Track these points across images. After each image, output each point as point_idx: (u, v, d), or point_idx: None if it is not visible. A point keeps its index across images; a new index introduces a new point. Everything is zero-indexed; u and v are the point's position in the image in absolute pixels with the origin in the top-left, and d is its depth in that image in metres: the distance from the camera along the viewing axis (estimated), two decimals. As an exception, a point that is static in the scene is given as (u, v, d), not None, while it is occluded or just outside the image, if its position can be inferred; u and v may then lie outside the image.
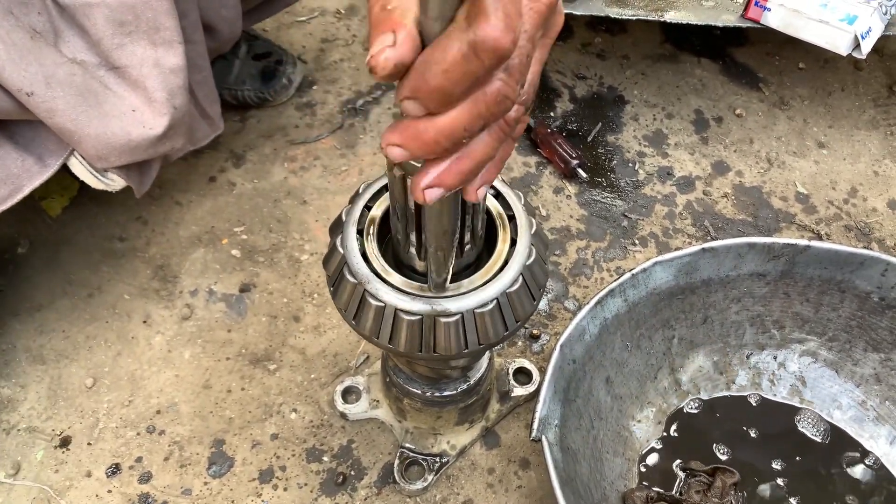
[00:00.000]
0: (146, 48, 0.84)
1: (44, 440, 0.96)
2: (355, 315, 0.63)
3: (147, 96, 0.85)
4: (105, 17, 0.81)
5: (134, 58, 0.84)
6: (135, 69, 0.84)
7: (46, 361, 1.03)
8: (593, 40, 1.53)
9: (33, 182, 0.83)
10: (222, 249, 1.16)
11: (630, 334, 0.93)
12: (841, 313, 0.96)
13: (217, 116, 1.06)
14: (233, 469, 0.95)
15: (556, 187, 1.27)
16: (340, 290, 0.64)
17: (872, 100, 1.46)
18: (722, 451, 0.95)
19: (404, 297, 0.60)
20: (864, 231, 1.25)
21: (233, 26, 1.06)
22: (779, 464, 0.94)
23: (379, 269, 0.62)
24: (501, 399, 0.98)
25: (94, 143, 0.82)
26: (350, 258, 0.62)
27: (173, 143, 0.90)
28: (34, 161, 0.83)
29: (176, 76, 0.86)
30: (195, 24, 0.95)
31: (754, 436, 0.96)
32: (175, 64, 0.86)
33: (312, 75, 1.41)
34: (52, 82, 0.77)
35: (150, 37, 0.84)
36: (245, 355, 1.05)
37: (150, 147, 0.86)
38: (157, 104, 0.85)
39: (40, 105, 0.77)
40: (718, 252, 0.92)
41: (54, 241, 1.15)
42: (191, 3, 0.94)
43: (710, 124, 1.40)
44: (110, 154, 0.84)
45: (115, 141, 0.83)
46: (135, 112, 0.84)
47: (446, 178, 0.41)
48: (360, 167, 1.28)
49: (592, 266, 1.17)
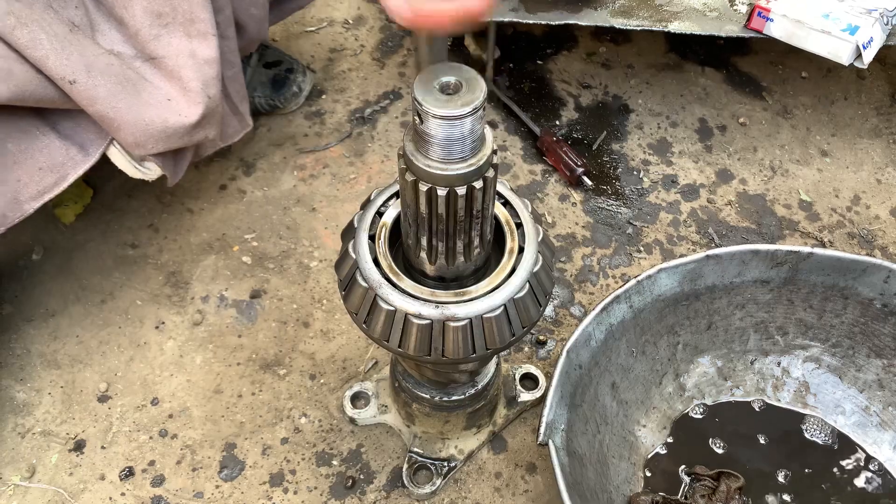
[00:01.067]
0: (182, 39, 0.87)
1: (58, 444, 0.98)
2: (366, 319, 0.65)
3: (182, 86, 0.88)
4: (143, 8, 0.84)
5: (170, 48, 0.87)
6: (171, 60, 0.87)
7: (61, 366, 1.05)
8: (598, 50, 1.55)
9: (77, 170, 0.86)
10: (233, 256, 1.17)
11: (635, 340, 0.94)
12: (844, 320, 0.97)
13: (247, 113, 1.09)
14: (244, 472, 0.96)
15: (562, 195, 1.29)
16: (352, 294, 0.65)
17: (875, 108, 1.47)
18: (726, 455, 0.96)
19: (414, 302, 0.62)
20: (867, 238, 1.26)
21: (260, 25, 1.09)
22: (783, 468, 0.95)
23: (390, 274, 0.64)
24: (508, 404, 1.00)
25: (133, 130, 0.84)
26: (362, 263, 0.64)
27: (206, 131, 0.93)
28: (77, 150, 0.86)
29: (210, 67, 0.89)
30: (228, 19, 0.98)
31: (758, 441, 0.97)
32: (209, 55, 0.89)
33: (321, 84, 1.43)
34: (93, 71, 0.79)
35: (186, 28, 0.87)
36: (255, 360, 1.06)
37: (186, 135, 0.89)
38: (191, 93, 0.88)
39: (82, 93, 0.79)
40: (723, 259, 0.94)
41: (68, 248, 1.17)
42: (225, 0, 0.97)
43: (714, 133, 1.41)
44: (147, 141, 0.86)
45: (152, 128, 0.85)
46: (170, 101, 0.87)
47: None
48: (368, 175, 1.30)
49: (598, 273, 1.19)
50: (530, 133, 1.37)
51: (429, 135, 0.52)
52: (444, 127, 0.51)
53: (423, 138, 0.53)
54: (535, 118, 1.40)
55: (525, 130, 1.38)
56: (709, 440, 0.97)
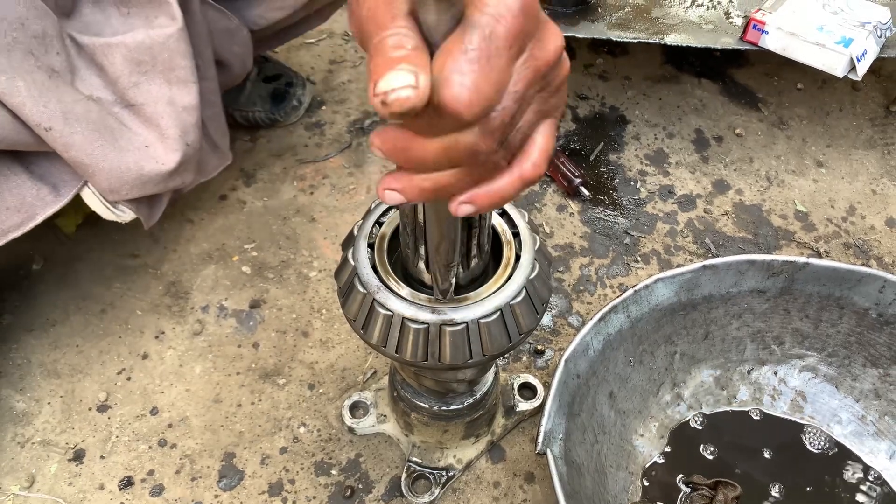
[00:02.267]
0: (161, 87, 0.87)
1: (58, 453, 0.98)
2: (364, 324, 0.66)
3: (160, 133, 0.87)
4: (123, 56, 0.84)
5: (149, 96, 0.87)
6: (150, 107, 0.87)
7: (60, 376, 1.05)
8: (595, 62, 1.56)
9: (46, 211, 0.85)
10: (233, 266, 1.18)
11: (633, 350, 0.95)
12: (840, 329, 0.98)
13: (226, 148, 1.09)
14: (243, 482, 0.96)
15: (560, 205, 1.30)
16: (350, 300, 0.66)
17: (870, 119, 1.48)
18: (724, 464, 0.96)
19: (411, 307, 0.63)
20: (863, 248, 1.27)
21: (244, 62, 1.09)
22: (780, 477, 0.95)
23: (388, 280, 0.65)
24: (507, 414, 1.00)
25: (108, 177, 0.84)
26: (360, 269, 0.65)
27: (183, 178, 0.93)
28: (49, 190, 0.85)
29: (189, 114, 0.89)
30: (209, 61, 0.99)
31: (756, 450, 0.98)
32: (189, 102, 0.89)
33: (321, 96, 1.45)
34: (70, 118, 0.79)
35: (166, 76, 0.87)
36: (255, 370, 1.07)
37: (161, 182, 0.89)
38: (169, 141, 0.88)
39: (58, 139, 0.79)
40: (719, 269, 0.94)
41: (68, 258, 1.18)
42: (205, 41, 0.97)
43: (710, 143, 1.42)
44: (122, 187, 0.86)
45: (127, 175, 0.85)
46: (148, 148, 0.86)
47: (407, 188, 0.42)
48: (367, 185, 1.31)
49: (595, 282, 1.20)
50: (528, 144, 1.38)
51: None
52: None
53: None
54: (533, 129, 1.41)
55: (523, 141, 1.39)
56: (706, 449, 0.97)
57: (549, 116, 0.44)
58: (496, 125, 0.39)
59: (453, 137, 0.38)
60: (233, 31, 1.04)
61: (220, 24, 1.02)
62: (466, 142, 0.39)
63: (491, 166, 0.42)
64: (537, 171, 0.44)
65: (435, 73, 0.36)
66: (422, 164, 0.41)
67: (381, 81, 0.34)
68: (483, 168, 0.42)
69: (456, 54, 0.35)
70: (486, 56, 0.36)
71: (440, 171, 0.41)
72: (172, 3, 0.85)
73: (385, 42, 0.36)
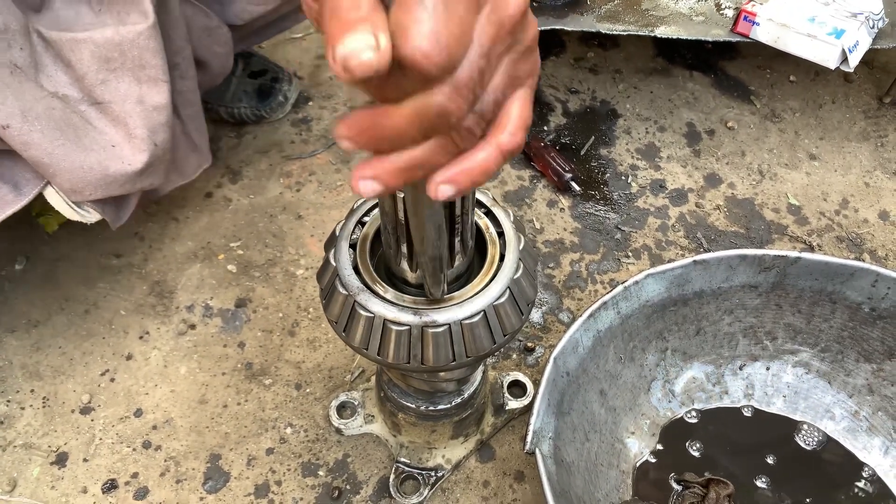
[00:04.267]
0: (130, 85, 0.85)
1: (40, 456, 0.97)
2: (346, 327, 0.64)
3: (128, 132, 0.85)
4: (91, 52, 0.82)
5: (117, 94, 0.84)
6: (117, 105, 0.85)
7: (43, 377, 1.04)
8: (586, 55, 1.55)
9: (5, 210, 0.83)
10: (218, 265, 1.16)
11: (623, 346, 0.93)
12: (833, 324, 0.96)
13: (206, 149, 1.07)
14: (228, 484, 0.95)
15: (550, 200, 1.28)
16: (332, 301, 0.65)
17: (863, 112, 1.47)
18: (716, 462, 0.95)
19: (393, 309, 0.61)
20: (856, 242, 1.26)
21: (224, 62, 1.07)
22: (773, 475, 0.94)
23: (370, 282, 0.63)
24: (496, 412, 0.99)
25: (70, 177, 0.82)
26: (342, 271, 0.63)
27: (152, 179, 0.90)
28: (9, 189, 0.83)
29: (159, 114, 0.87)
30: (188, 60, 0.97)
31: (748, 447, 0.96)
32: (159, 102, 0.87)
33: (308, 91, 1.43)
34: (30, 116, 0.77)
35: (136, 74, 0.85)
36: (241, 370, 1.05)
37: (128, 182, 0.87)
38: (137, 140, 0.85)
39: (16, 137, 0.77)
40: (710, 264, 0.93)
41: (51, 257, 1.16)
42: (184, 39, 0.95)
43: (702, 137, 1.41)
44: (86, 188, 0.84)
45: (91, 175, 0.83)
46: (114, 147, 0.84)
47: (381, 173, 0.40)
48: (355, 182, 1.29)
49: (586, 278, 1.18)
50: (518, 139, 1.36)
51: None
52: None
53: None
54: (522, 124, 1.39)
55: (513, 136, 1.37)
56: (698, 447, 0.96)
57: (523, 85, 0.42)
58: (464, 82, 0.37)
59: (421, 99, 0.36)
60: (213, 29, 1.02)
61: (200, 21, 1.00)
62: (436, 102, 0.36)
63: (465, 135, 0.40)
64: (515, 141, 0.42)
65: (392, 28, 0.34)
66: (394, 138, 0.38)
67: (340, 46, 0.32)
68: (458, 137, 0.40)
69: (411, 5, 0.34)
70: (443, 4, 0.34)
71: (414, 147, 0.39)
72: (145, 0, 0.83)
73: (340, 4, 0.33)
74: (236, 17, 1.06)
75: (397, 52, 0.34)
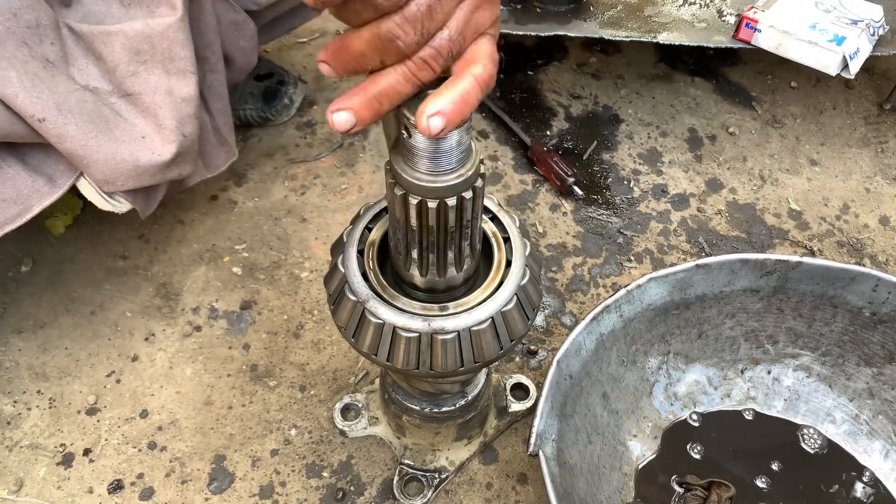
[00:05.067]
0: (160, 77, 0.86)
1: (46, 457, 0.97)
2: (355, 333, 0.65)
3: (157, 123, 0.86)
4: (122, 45, 0.83)
5: (147, 85, 0.86)
6: (147, 97, 0.86)
7: (49, 378, 1.04)
8: (588, 60, 1.56)
9: (43, 202, 0.85)
10: (224, 267, 1.17)
11: (626, 350, 0.94)
12: (833, 328, 0.97)
13: (233, 143, 1.08)
14: (233, 485, 0.96)
15: (553, 204, 1.29)
16: (341, 308, 0.65)
17: (863, 118, 1.48)
18: (718, 464, 0.96)
19: (403, 316, 0.62)
20: (857, 247, 1.27)
21: (249, 57, 1.08)
22: (774, 477, 0.95)
23: (378, 288, 0.64)
24: (499, 414, 0.99)
25: (103, 168, 0.83)
26: (351, 277, 0.64)
27: (181, 169, 0.92)
28: (44, 182, 0.85)
29: (188, 105, 0.88)
30: (217, 54, 0.98)
31: (749, 450, 0.97)
32: (187, 93, 0.88)
33: (313, 95, 1.44)
34: (64, 109, 0.78)
35: (165, 66, 0.86)
36: (246, 372, 1.06)
37: (158, 173, 0.88)
38: (166, 131, 0.87)
39: (51, 130, 0.78)
40: (712, 268, 0.94)
41: (58, 259, 1.17)
42: (214, 34, 0.96)
43: (703, 142, 1.42)
44: (118, 178, 0.85)
45: (123, 166, 0.84)
46: (144, 139, 0.86)
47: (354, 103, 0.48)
48: (359, 185, 1.30)
49: (589, 282, 1.19)
50: (521, 143, 1.37)
51: (417, 148, 0.52)
52: (433, 140, 0.51)
53: (411, 152, 0.53)
54: (525, 128, 1.40)
55: (516, 140, 1.39)
56: (700, 449, 0.97)
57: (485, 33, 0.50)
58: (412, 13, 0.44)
59: (375, 25, 0.45)
60: (240, 24, 1.03)
61: (228, 16, 1.01)
62: (385, 27, 0.45)
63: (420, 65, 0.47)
64: (487, 72, 0.49)
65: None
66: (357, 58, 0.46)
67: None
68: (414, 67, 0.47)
69: None
70: None
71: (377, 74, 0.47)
72: None
73: None
74: (254, 2, 1.07)
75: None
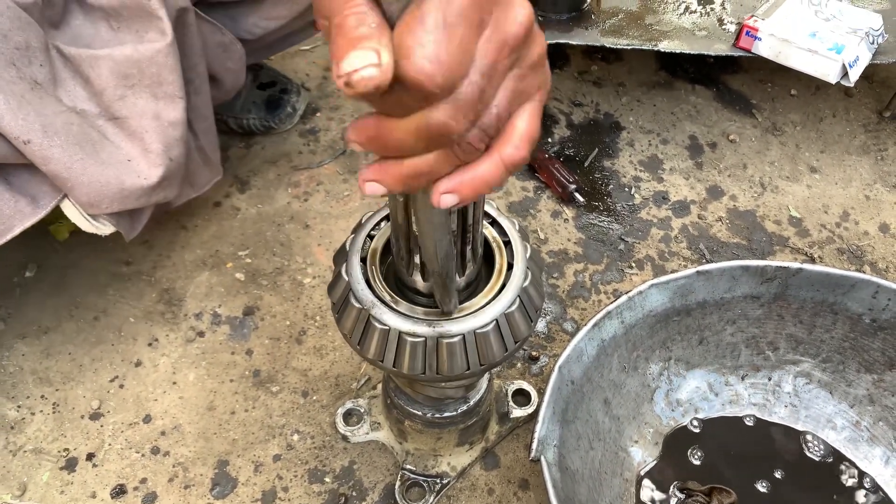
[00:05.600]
0: (147, 101, 0.86)
1: (50, 461, 0.98)
2: (360, 340, 0.65)
3: (144, 147, 0.86)
4: (110, 69, 0.83)
5: (134, 109, 0.86)
6: (134, 120, 0.86)
7: (53, 383, 1.05)
8: (590, 68, 1.57)
9: (24, 223, 0.84)
10: (227, 273, 1.18)
11: (627, 356, 0.95)
12: (834, 335, 0.98)
13: (217, 163, 1.09)
14: (236, 490, 0.96)
15: (554, 211, 1.30)
16: (345, 315, 0.66)
17: (863, 125, 1.49)
18: (719, 471, 0.96)
19: (408, 321, 0.62)
20: (857, 254, 1.27)
21: (237, 77, 1.09)
22: (775, 484, 0.95)
23: (383, 295, 0.64)
24: (501, 420, 1.00)
25: (87, 191, 0.83)
26: (355, 285, 0.64)
27: (166, 192, 0.92)
28: (27, 202, 0.84)
29: (175, 129, 0.88)
30: (202, 75, 0.98)
31: (750, 456, 0.97)
32: (175, 118, 0.88)
33: (316, 102, 1.45)
34: (50, 131, 0.78)
35: (153, 90, 0.86)
36: (248, 377, 1.06)
37: (143, 196, 0.88)
38: (152, 155, 0.87)
39: (36, 153, 0.78)
40: (713, 275, 0.94)
41: (61, 265, 1.17)
42: (199, 56, 0.97)
43: (704, 150, 1.43)
44: (102, 201, 0.85)
45: (108, 189, 0.84)
46: (130, 162, 0.85)
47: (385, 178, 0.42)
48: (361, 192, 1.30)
49: (590, 288, 1.20)
50: (523, 150, 1.38)
51: None
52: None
53: None
54: (527, 135, 1.41)
55: (517, 148, 1.39)
56: (701, 455, 0.97)
57: (530, 99, 0.43)
58: (465, 100, 0.38)
59: (423, 115, 0.38)
60: (227, 45, 1.04)
61: (215, 38, 1.02)
62: (437, 119, 0.38)
63: (467, 149, 0.41)
64: (519, 154, 0.43)
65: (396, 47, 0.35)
66: (398, 149, 0.40)
67: (344, 62, 0.34)
68: (460, 151, 0.41)
69: (413, 25, 0.35)
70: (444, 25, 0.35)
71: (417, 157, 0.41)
72: (163, 18, 0.84)
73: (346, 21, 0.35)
74: (248, 32, 1.07)
75: (399, 71, 0.35)
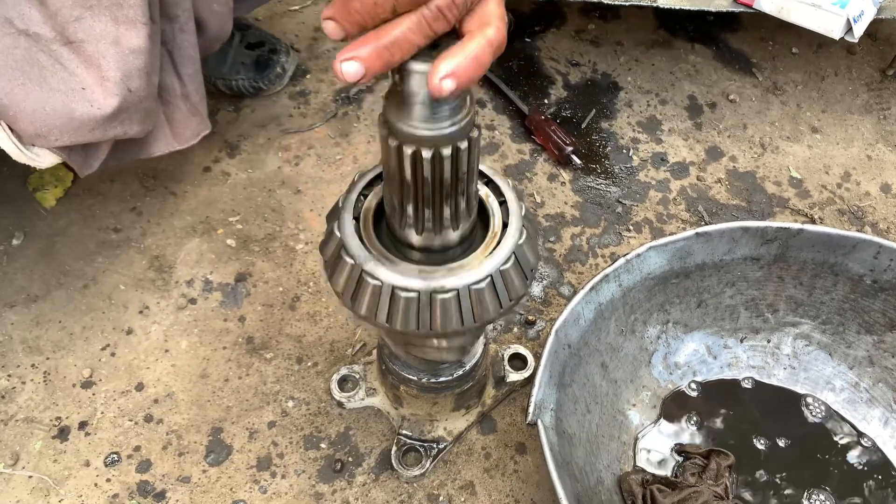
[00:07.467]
0: (106, 24, 0.80)
1: (42, 430, 0.97)
2: (353, 296, 0.64)
3: (100, 74, 0.81)
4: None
5: (91, 33, 0.80)
6: (91, 45, 0.80)
7: (43, 352, 1.03)
8: (587, 27, 1.53)
9: None
10: (217, 239, 1.16)
11: (625, 319, 0.93)
12: (834, 296, 0.96)
13: (205, 115, 1.03)
14: (231, 457, 0.95)
15: (551, 174, 1.28)
16: (338, 272, 0.64)
17: (865, 84, 1.46)
18: (716, 433, 0.96)
19: (401, 276, 0.61)
20: (858, 215, 1.26)
21: (222, 24, 1.03)
22: (773, 445, 0.95)
23: (375, 252, 0.63)
24: (497, 384, 0.99)
25: (32, 119, 0.78)
26: (347, 240, 0.63)
27: (125, 127, 0.86)
28: None
29: (136, 57, 0.82)
30: (189, 12, 0.94)
31: (749, 418, 0.97)
32: (136, 45, 0.82)
33: (306, 64, 1.41)
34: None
35: (113, 13, 0.80)
36: (242, 344, 1.05)
37: (98, 128, 0.82)
38: (109, 84, 0.81)
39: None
40: (712, 236, 0.93)
41: (49, 232, 1.15)
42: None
43: (703, 110, 1.40)
44: (51, 132, 0.79)
45: (54, 118, 0.79)
46: (84, 90, 0.80)
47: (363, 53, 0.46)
48: (354, 155, 1.28)
49: (587, 252, 1.18)
50: (518, 112, 1.35)
51: (411, 94, 0.51)
52: (427, 87, 0.50)
53: (405, 100, 0.52)
54: (523, 97, 1.38)
55: (513, 109, 1.36)
56: (699, 418, 0.96)
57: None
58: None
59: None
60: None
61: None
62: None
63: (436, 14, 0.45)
64: (500, 34, 0.47)
65: None
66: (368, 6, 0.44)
67: None
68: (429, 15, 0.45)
69: None
70: None
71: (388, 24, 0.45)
72: None
73: None
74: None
75: None
